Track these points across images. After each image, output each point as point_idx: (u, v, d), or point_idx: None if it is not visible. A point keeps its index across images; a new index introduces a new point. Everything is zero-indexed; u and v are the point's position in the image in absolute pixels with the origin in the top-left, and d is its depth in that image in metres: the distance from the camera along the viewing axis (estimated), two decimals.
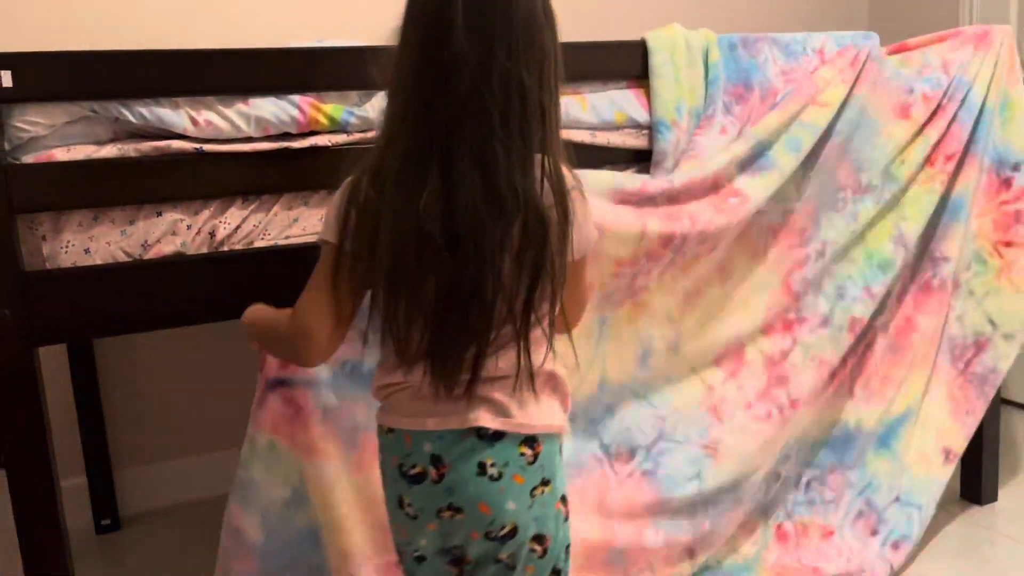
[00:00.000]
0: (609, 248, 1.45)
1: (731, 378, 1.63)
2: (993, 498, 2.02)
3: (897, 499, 1.74)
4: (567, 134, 1.53)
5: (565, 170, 1.00)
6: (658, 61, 1.58)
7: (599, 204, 1.40)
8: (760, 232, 1.65)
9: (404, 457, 1.02)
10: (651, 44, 1.60)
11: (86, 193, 1.21)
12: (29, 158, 1.20)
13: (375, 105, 1.35)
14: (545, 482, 1.03)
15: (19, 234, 1.20)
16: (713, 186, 1.55)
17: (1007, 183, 1.82)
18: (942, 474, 1.78)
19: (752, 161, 1.58)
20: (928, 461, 1.78)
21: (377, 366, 1.07)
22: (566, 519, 1.07)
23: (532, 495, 1.02)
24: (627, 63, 1.59)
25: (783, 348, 1.66)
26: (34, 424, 1.22)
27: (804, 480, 1.71)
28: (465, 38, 0.91)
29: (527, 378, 1.00)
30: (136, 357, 2.13)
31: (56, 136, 1.22)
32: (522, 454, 1.01)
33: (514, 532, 1.00)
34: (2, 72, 1.14)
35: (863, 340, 1.76)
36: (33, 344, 1.21)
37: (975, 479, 2.01)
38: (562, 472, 1.07)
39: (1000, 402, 2.00)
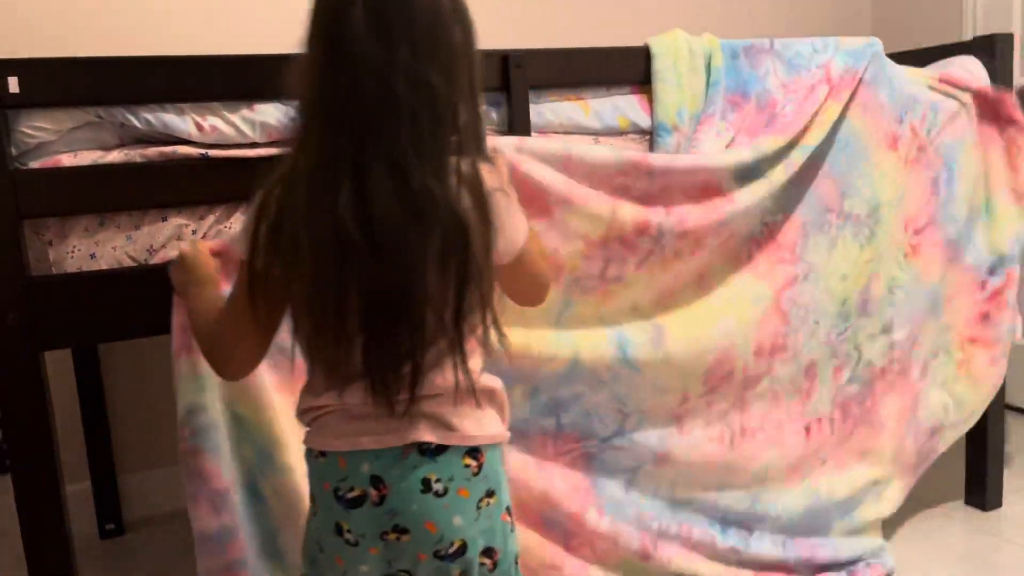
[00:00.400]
0: (578, 225, 1.41)
1: (710, 393, 1.60)
2: (997, 504, 2.02)
3: (835, 559, 1.74)
4: (570, 139, 1.53)
5: (487, 171, 0.96)
6: (661, 66, 1.59)
7: (563, 179, 1.38)
8: (741, 242, 1.62)
9: (339, 481, 0.97)
10: (654, 49, 1.60)
11: (92, 198, 1.22)
12: (36, 164, 1.21)
13: None
14: (490, 493, 1.00)
15: (25, 239, 1.21)
16: (704, 186, 1.52)
17: (983, 285, 1.88)
18: (875, 538, 1.80)
19: (749, 172, 1.57)
20: (872, 530, 1.81)
21: (302, 389, 1.02)
22: (512, 530, 1.05)
23: (478, 508, 0.99)
24: (630, 68, 1.60)
25: (760, 373, 1.63)
26: (39, 429, 1.22)
27: (779, 544, 1.68)
28: (367, 38, 0.89)
29: (467, 393, 0.97)
30: (141, 362, 2.14)
31: (62, 142, 1.23)
32: (467, 466, 0.98)
33: (463, 549, 0.97)
34: (9, 78, 1.15)
35: (844, 408, 1.74)
36: (38, 348, 1.22)
37: (979, 485, 2.00)
38: (506, 482, 1.04)
39: (1004, 408, 1.99)
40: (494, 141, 1.30)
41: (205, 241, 1.15)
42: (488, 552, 1.00)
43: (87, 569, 1.91)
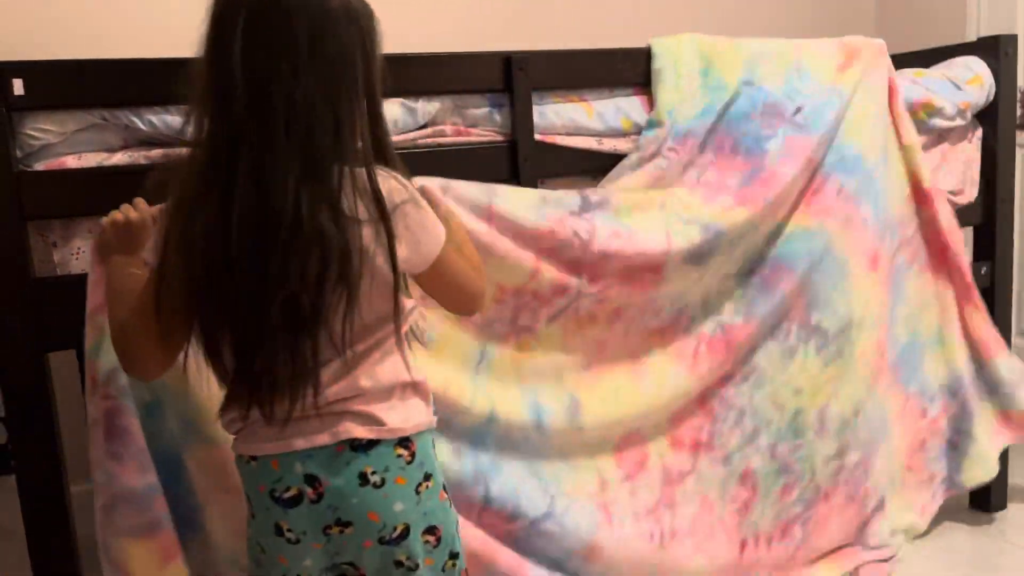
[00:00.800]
0: (495, 273, 1.36)
1: (627, 480, 1.54)
2: (1002, 506, 2.01)
3: None
4: (573, 140, 1.54)
5: (394, 182, 0.96)
6: (660, 65, 1.59)
7: (486, 229, 1.34)
8: (691, 339, 1.58)
9: (274, 482, 0.98)
10: (656, 50, 1.61)
11: (96, 200, 1.21)
12: (40, 165, 1.22)
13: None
14: (427, 477, 1.02)
15: (30, 241, 1.21)
16: (644, 266, 1.48)
17: (924, 413, 1.87)
18: None
19: (701, 252, 1.52)
20: None
21: (224, 399, 1.01)
22: (451, 504, 1.07)
23: (417, 492, 1.01)
24: (632, 69, 1.60)
25: (683, 469, 1.58)
26: (44, 429, 1.23)
27: None
28: (243, 56, 0.88)
29: (382, 393, 0.99)
30: None
31: (67, 143, 1.23)
32: (399, 455, 0.99)
33: (406, 532, 0.99)
34: (14, 80, 1.16)
35: (785, 529, 1.67)
36: (43, 350, 1.23)
37: (984, 487, 1.99)
38: (438, 462, 1.06)
39: None
40: (419, 181, 1.26)
41: (150, 208, 1.10)
42: (431, 530, 1.03)
43: (92, 569, 1.91)
